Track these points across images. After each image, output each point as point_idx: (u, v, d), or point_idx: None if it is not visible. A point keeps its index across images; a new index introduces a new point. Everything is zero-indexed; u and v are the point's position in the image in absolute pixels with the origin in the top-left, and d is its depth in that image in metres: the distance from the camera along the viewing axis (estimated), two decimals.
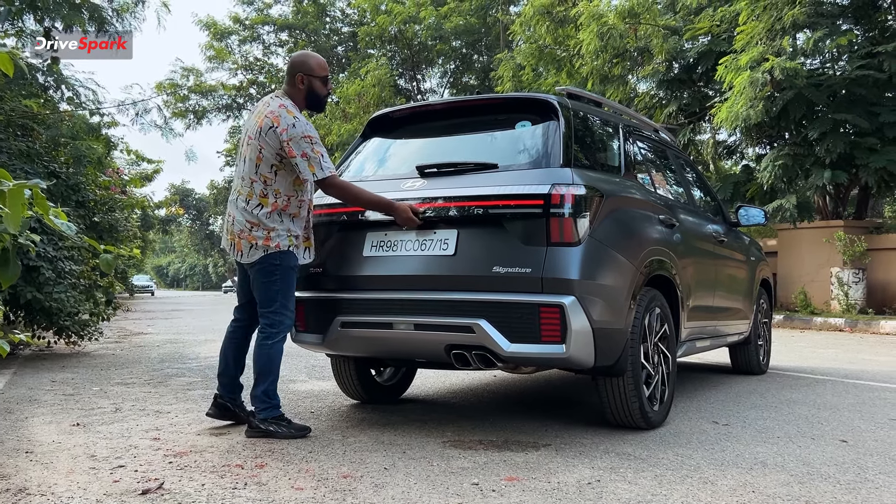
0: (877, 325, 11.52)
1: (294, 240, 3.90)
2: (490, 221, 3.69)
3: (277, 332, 3.88)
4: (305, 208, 3.99)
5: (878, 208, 22.48)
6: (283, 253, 3.85)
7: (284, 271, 3.86)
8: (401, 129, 4.61)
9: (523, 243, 3.58)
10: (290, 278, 3.90)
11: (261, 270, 3.87)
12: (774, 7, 12.67)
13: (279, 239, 3.84)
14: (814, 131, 12.63)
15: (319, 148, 3.82)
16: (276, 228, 3.84)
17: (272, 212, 3.84)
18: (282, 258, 3.85)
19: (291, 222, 3.90)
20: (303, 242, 3.98)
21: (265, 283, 3.87)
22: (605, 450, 3.55)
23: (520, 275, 3.52)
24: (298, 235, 3.93)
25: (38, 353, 8.04)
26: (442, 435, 3.86)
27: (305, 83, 3.98)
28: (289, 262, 3.87)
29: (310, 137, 3.79)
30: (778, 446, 3.68)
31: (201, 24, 35.20)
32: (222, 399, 4.09)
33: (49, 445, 3.64)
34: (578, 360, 3.54)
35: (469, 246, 3.70)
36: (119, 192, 12.22)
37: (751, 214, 5.91)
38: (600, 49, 15.54)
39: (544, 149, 3.86)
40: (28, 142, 8.28)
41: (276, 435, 3.78)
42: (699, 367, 6.83)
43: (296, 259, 3.92)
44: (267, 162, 3.83)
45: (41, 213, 2.46)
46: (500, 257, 3.58)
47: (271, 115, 3.82)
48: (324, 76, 4.03)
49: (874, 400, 5.12)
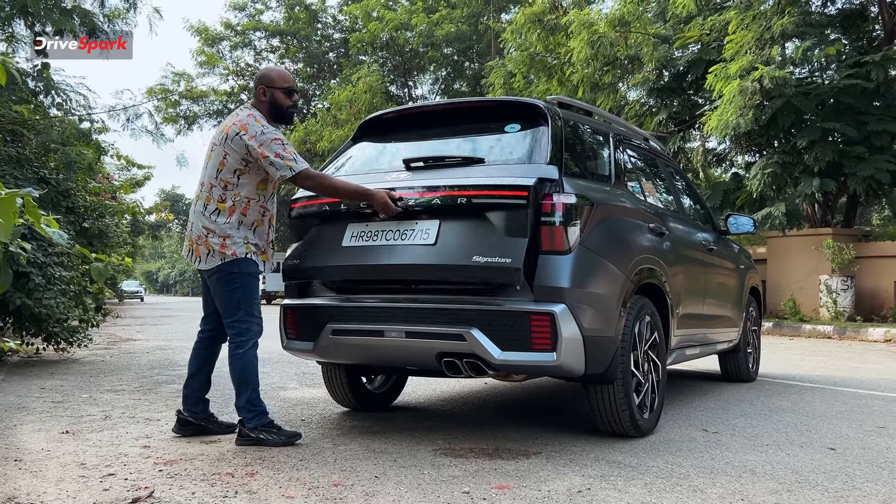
0: (865, 333, 11.59)
1: (252, 247, 3.89)
2: (473, 212, 3.66)
3: (247, 340, 3.87)
4: (268, 219, 3.99)
5: (866, 216, 22.67)
6: (242, 260, 3.85)
7: (244, 278, 3.86)
8: (391, 132, 4.61)
9: (505, 234, 3.56)
10: (251, 285, 3.89)
11: (220, 279, 3.86)
12: (763, 17, 12.78)
13: (235, 247, 3.83)
14: (802, 140, 12.74)
15: (290, 148, 3.85)
16: (232, 236, 3.83)
17: (229, 218, 3.84)
18: (240, 265, 3.84)
19: (250, 231, 3.90)
20: (260, 255, 3.96)
21: (226, 291, 3.86)
22: (596, 458, 3.56)
23: (499, 265, 3.47)
24: (257, 244, 3.92)
25: (26, 359, 7.99)
26: (433, 443, 3.86)
27: (268, 95, 3.98)
28: (248, 269, 3.87)
29: (280, 140, 3.82)
30: (767, 454, 3.70)
31: (193, 29, 35.18)
32: (182, 414, 4.07)
33: (38, 453, 3.62)
34: (569, 368, 3.55)
35: (450, 236, 3.68)
36: (109, 198, 12.18)
37: (740, 223, 5.95)
38: (591, 57, 15.63)
39: (531, 148, 3.88)
40: (18, 147, 8.25)
41: (266, 443, 3.77)
42: (689, 375, 6.85)
43: (255, 266, 3.90)
44: (230, 167, 3.84)
45: (32, 221, 2.46)
46: (480, 247, 3.55)
47: (239, 123, 3.83)
48: (286, 87, 4.00)
49: (862, 408, 5.16)
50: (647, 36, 15.56)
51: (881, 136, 12.44)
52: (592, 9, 17.61)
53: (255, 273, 3.91)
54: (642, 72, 16.38)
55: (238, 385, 3.85)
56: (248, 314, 3.87)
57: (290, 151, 3.82)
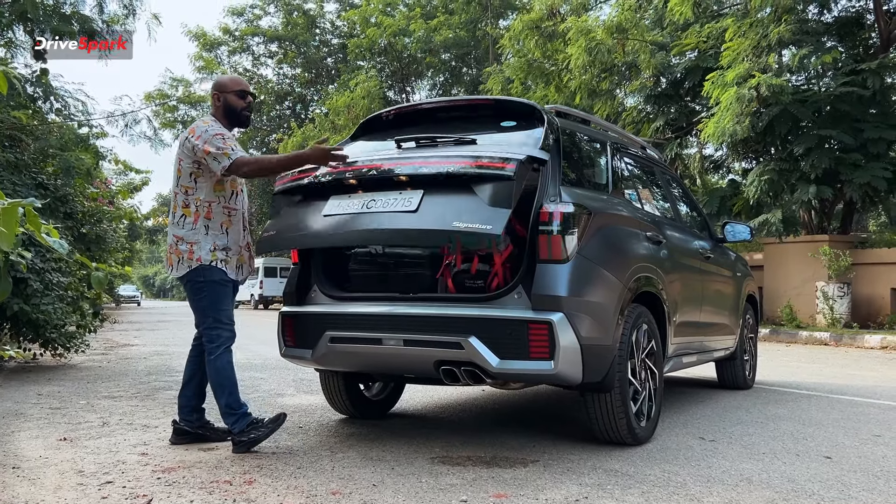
0: (861, 340, 11.61)
1: (220, 253, 3.91)
2: (458, 184, 3.60)
3: (217, 347, 3.90)
4: (238, 219, 4.01)
5: (862, 223, 22.73)
6: (207, 268, 3.87)
7: (210, 287, 3.90)
8: (391, 128, 4.62)
9: (489, 205, 3.47)
10: (217, 293, 3.91)
11: (189, 287, 3.93)
12: (760, 24, 12.83)
13: (201, 252, 3.88)
14: (799, 147, 12.78)
15: (231, 142, 3.89)
16: (199, 242, 3.89)
17: (195, 224, 3.89)
18: (206, 274, 3.88)
19: (219, 235, 3.92)
20: (235, 258, 3.98)
21: (195, 300, 3.94)
22: (593, 466, 3.57)
23: (479, 231, 3.38)
24: (228, 248, 3.94)
25: (23, 365, 7.98)
26: (430, 451, 3.87)
27: (221, 100, 4.05)
28: (213, 277, 3.89)
29: (221, 135, 3.88)
30: (763, 463, 3.71)
31: (191, 34, 35.24)
32: (178, 424, 4.09)
33: (36, 461, 3.63)
34: (566, 377, 3.57)
35: (433, 204, 3.63)
36: (107, 204, 12.18)
37: (737, 231, 5.98)
38: (588, 64, 15.67)
39: (524, 139, 3.92)
40: (16, 153, 8.25)
41: (259, 440, 3.83)
42: (686, 382, 6.87)
43: (223, 273, 3.92)
44: (186, 172, 3.91)
45: (33, 230, 2.47)
46: (461, 215, 3.48)
47: (189, 129, 3.95)
48: (237, 90, 4.06)
49: (858, 416, 5.17)
50: (644, 43, 15.62)
51: (877, 144, 12.49)
52: (590, 16, 17.67)
53: (221, 280, 3.92)
54: (640, 78, 16.43)
55: (214, 390, 3.91)
56: (216, 321, 3.90)
57: (228, 144, 3.86)
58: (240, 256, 4.02)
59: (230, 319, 3.95)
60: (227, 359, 3.90)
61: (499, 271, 3.91)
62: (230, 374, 3.90)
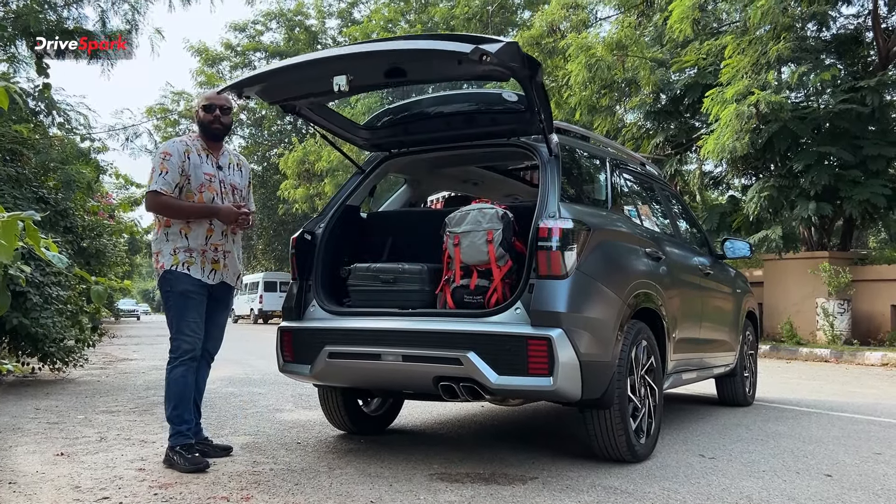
0: (862, 356, 11.59)
1: (182, 255, 3.92)
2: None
3: (175, 358, 3.92)
4: (200, 224, 3.98)
5: (862, 239, 22.73)
6: (171, 274, 3.90)
7: (175, 296, 3.93)
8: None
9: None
10: (182, 303, 3.92)
11: (161, 295, 4.01)
12: (759, 42, 12.90)
13: (163, 259, 3.94)
14: (799, 163, 12.81)
15: (168, 164, 3.93)
16: (162, 250, 3.96)
17: (158, 233, 4.00)
18: (172, 283, 3.91)
19: (178, 238, 3.95)
20: (199, 258, 3.96)
21: (165, 309, 4.00)
22: (592, 483, 3.55)
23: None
24: (190, 249, 3.94)
25: (21, 379, 7.96)
26: (429, 467, 3.85)
27: (197, 113, 4.16)
28: (178, 286, 3.91)
29: (165, 153, 3.96)
30: (763, 480, 3.69)
31: (193, 49, 35.42)
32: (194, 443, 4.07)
33: (33, 476, 3.61)
34: (566, 393, 3.56)
35: None
36: (107, 217, 12.18)
37: (736, 247, 5.98)
38: (588, 80, 15.72)
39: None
40: (17, 167, 8.27)
41: (174, 466, 3.77)
42: (686, 399, 6.84)
43: (188, 279, 3.91)
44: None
45: (32, 244, 2.47)
46: None
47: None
48: (203, 104, 4.13)
49: (858, 433, 5.15)
50: (644, 60, 15.69)
51: (876, 161, 12.52)
52: (590, 33, 17.74)
53: (187, 290, 3.91)
54: (639, 95, 16.49)
55: (164, 400, 3.95)
56: (178, 331, 3.92)
57: (164, 168, 3.92)
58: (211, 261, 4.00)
59: (193, 332, 3.93)
60: (179, 372, 3.90)
61: (498, 287, 3.91)
62: (180, 389, 3.89)
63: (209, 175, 4.03)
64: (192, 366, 3.94)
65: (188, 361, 3.91)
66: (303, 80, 3.97)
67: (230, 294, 4.21)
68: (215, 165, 4.09)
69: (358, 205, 4.75)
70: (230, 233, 4.11)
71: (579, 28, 17.75)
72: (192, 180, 3.97)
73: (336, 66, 3.71)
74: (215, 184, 4.05)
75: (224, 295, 4.16)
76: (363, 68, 3.81)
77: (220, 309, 4.17)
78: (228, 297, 4.21)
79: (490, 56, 3.28)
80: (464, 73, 3.97)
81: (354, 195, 4.69)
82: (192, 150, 4.02)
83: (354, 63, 3.76)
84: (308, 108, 4.44)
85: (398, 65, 3.73)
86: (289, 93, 4.17)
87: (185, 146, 4.00)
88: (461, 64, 3.55)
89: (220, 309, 4.18)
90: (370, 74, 3.92)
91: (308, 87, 4.03)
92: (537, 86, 3.76)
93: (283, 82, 4.06)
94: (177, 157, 3.94)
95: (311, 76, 3.87)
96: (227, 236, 4.10)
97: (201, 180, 3.99)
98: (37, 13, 9.09)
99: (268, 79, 4.02)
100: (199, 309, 3.96)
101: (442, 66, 3.85)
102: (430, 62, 3.79)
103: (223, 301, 4.17)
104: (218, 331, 4.20)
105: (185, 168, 3.95)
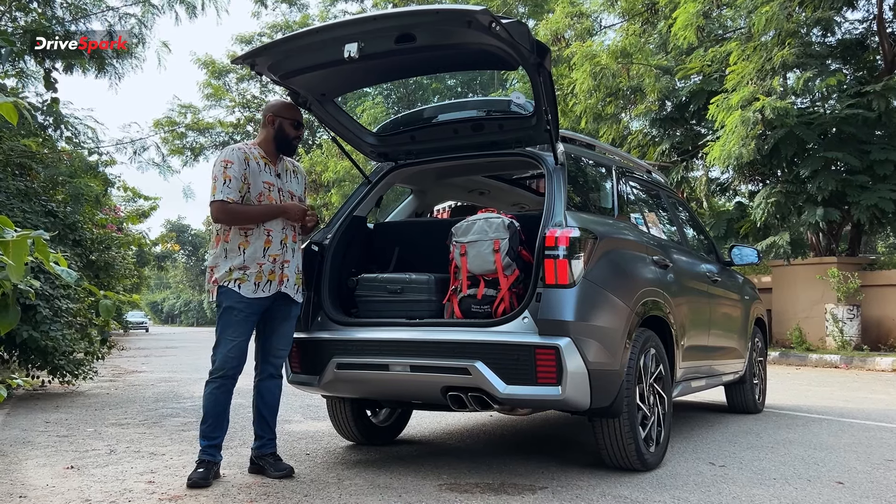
0: (872, 362, 11.51)
1: (236, 273, 3.83)
2: None
3: (210, 373, 3.85)
4: (258, 237, 3.88)
5: (870, 244, 22.62)
6: (222, 290, 3.86)
7: (222, 312, 3.88)
8: None
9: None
10: (224, 317, 3.86)
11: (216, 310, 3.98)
12: (764, 48, 12.90)
13: (217, 274, 3.88)
14: (805, 169, 12.77)
15: (231, 172, 3.84)
16: (218, 265, 3.89)
17: (217, 247, 3.93)
18: (220, 297, 3.88)
19: (236, 256, 3.85)
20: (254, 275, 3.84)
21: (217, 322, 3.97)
22: (602, 492, 3.54)
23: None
24: (245, 267, 3.84)
25: (31, 392, 7.99)
26: (438, 477, 3.85)
27: (276, 124, 4.05)
28: (226, 302, 3.84)
29: (227, 162, 3.86)
30: (774, 488, 3.67)
31: (199, 62, 35.62)
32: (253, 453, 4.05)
33: (43, 489, 3.62)
34: (574, 402, 3.55)
35: None
36: (115, 230, 12.25)
37: (744, 254, 5.97)
38: (593, 88, 15.74)
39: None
40: (26, 181, 8.33)
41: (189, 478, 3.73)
42: (695, 406, 6.82)
43: (234, 296, 3.81)
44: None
45: (42, 259, 2.49)
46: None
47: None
48: (295, 121, 4.08)
49: (870, 440, 5.12)
50: (648, 67, 15.71)
51: (884, 165, 12.48)
52: (595, 41, 17.77)
53: (233, 306, 3.81)
54: (645, 102, 16.49)
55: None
56: (215, 346, 3.86)
57: (227, 176, 3.83)
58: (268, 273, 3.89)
59: (229, 349, 3.79)
60: (209, 389, 3.82)
61: (505, 296, 3.91)
62: (208, 405, 3.80)
63: (268, 184, 3.94)
64: (224, 384, 3.82)
65: (218, 379, 3.80)
66: (314, 47, 3.94)
67: (293, 305, 4.03)
68: (274, 174, 4.00)
69: (365, 215, 4.76)
70: (290, 241, 4.00)
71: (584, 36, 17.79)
72: (252, 189, 3.88)
73: (347, 31, 3.74)
74: (274, 192, 3.95)
75: (285, 306, 3.99)
76: (374, 34, 3.78)
77: (283, 321, 4.01)
78: (291, 309, 4.03)
79: (499, 24, 3.31)
80: (472, 39, 3.78)
81: (361, 205, 4.70)
82: (251, 157, 3.93)
83: (365, 28, 3.76)
84: (318, 101, 4.45)
85: (408, 30, 3.73)
86: (301, 62, 4.10)
87: (243, 153, 3.91)
88: (470, 26, 3.53)
89: (284, 321, 4.01)
90: (381, 42, 3.84)
91: (320, 58, 3.99)
92: (545, 75, 3.74)
93: (294, 50, 4.00)
94: (238, 165, 3.86)
95: (322, 44, 3.86)
96: (286, 245, 3.97)
97: (260, 189, 3.90)
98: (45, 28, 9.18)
99: (280, 46, 3.99)
100: (242, 327, 3.83)
101: (451, 29, 3.76)
102: (440, 25, 3.76)
103: (285, 312, 4.00)
104: (283, 342, 4.03)
105: (245, 176, 3.88)
